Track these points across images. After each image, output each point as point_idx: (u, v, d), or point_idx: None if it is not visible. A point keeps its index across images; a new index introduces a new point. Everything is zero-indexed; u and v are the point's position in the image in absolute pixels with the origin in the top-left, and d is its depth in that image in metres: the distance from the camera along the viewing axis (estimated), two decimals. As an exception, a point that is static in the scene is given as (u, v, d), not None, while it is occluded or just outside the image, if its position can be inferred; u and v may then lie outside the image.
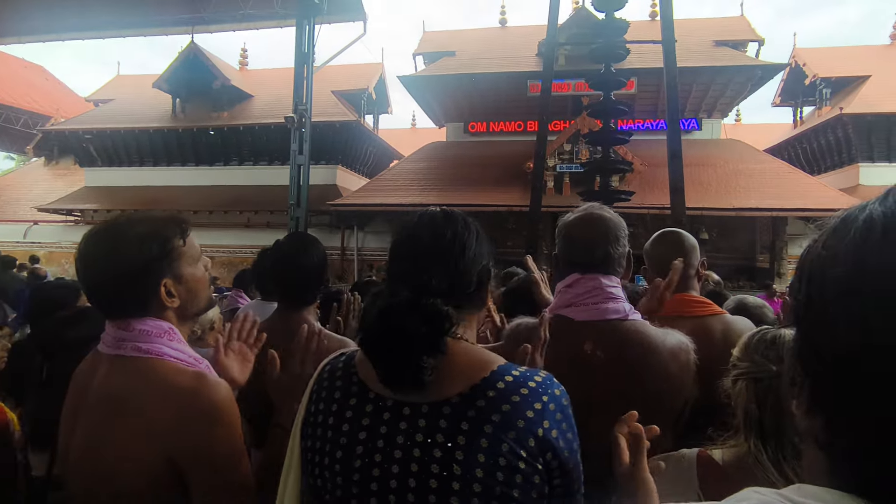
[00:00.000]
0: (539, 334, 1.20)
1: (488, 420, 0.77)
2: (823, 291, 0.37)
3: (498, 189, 12.47)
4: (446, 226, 0.92)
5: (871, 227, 0.35)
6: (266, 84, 16.56)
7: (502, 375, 0.81)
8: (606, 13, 8.46)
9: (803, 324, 0.39)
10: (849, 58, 15.61)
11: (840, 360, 0.35)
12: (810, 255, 0.39)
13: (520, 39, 15.24)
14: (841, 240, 0.36)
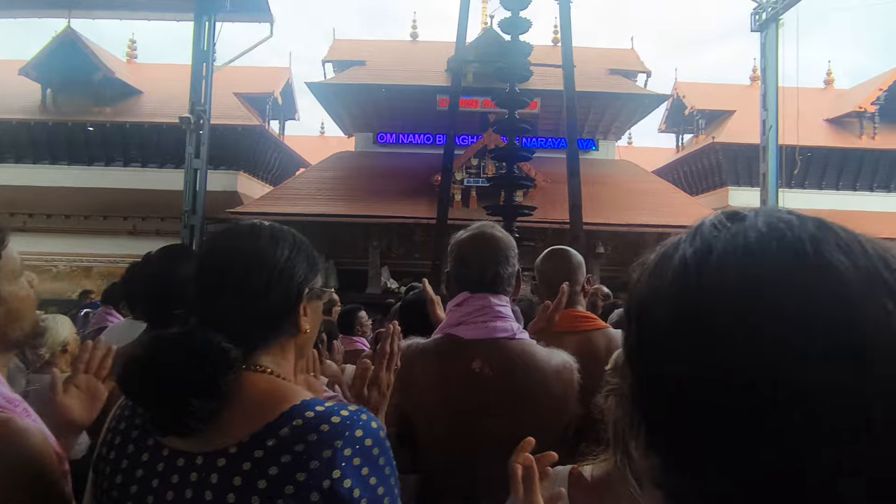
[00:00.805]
0: (384, 349, 1.17)
1: (264, 474, 0.68)
2: (651, 332, 0.37)
3: (406, 201, 12.49)
4: (245, 241, 0.83)
5: (686, 269, 0.35)
6: (158, 80, 15.36)
7: (297, 415, 0.71)
8: (512, 35, 8.82)
9: (635, 365, 0.39)
10: (719, 93, 17.54)
11: (668, 401, 0.35)
12: (636, 296, 0.39)
13: (430, 54, 15.47)
14: (660, 281, 0.37)
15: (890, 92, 15.56)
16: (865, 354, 0.29)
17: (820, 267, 0.31)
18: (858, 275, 0.31)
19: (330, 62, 15.47)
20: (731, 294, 0.32)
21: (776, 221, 0.35)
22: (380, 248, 13.05)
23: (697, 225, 0.38)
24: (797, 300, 0.31)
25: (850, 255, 0.32)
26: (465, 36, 8.80)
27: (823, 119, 16.12)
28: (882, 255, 0.33)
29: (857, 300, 0.30)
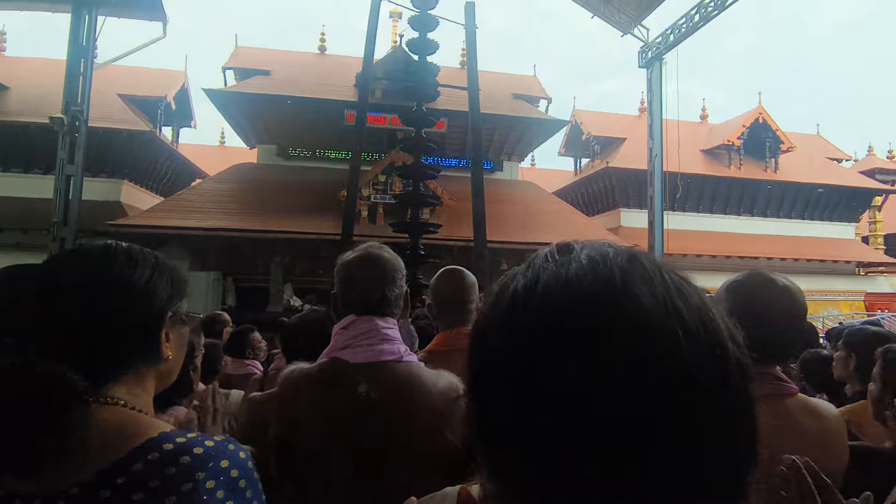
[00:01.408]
0: (206, 405, 1.11)
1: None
2: (484, 360, 0.38)
3: (310, 216, 12.14)
4: (96, 262, 0.77)
5: (515, 301, 0.37)
6: (27, 75, 13.81)
7: (153, 448, 0.67)
8: (420, 56, 8.95)
9: (471, 390, 0.40)
10: (613, 122, 19.01)
11: (494, 425, 0.37)
12: (476, 325, 0.41)
13: (338, 68, 15.30)
14: (495, 311, 0.39)
15: (751, 128, 17.73)
16: (652, 375, 0.33)
17: (625, 297, 0.35)
18: (656, 303, 0.34)
19: (231, 69, 14.81)
20: (549, 324, 0.35)
21: (595, 255, 0.38)
22: (283, 264, 12.54)
23: (533, 256, 0.41)
24: (598, 328, 0.34)
25: (651, 285, 0.35)
26: (374, 52, 8.79)
27: (700, 150, 17.98)
28: (678, 286, 0.37)
29: (652, 328, 0.34)
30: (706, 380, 0.34)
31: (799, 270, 16.53)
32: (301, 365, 1.44)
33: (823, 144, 21.55)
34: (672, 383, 0.33)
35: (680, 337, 0.34)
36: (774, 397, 1.23)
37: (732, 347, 0.37)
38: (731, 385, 0.35)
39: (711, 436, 0.33)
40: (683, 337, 0.34)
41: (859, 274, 18.32)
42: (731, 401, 0.35)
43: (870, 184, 19.12)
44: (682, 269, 0.40)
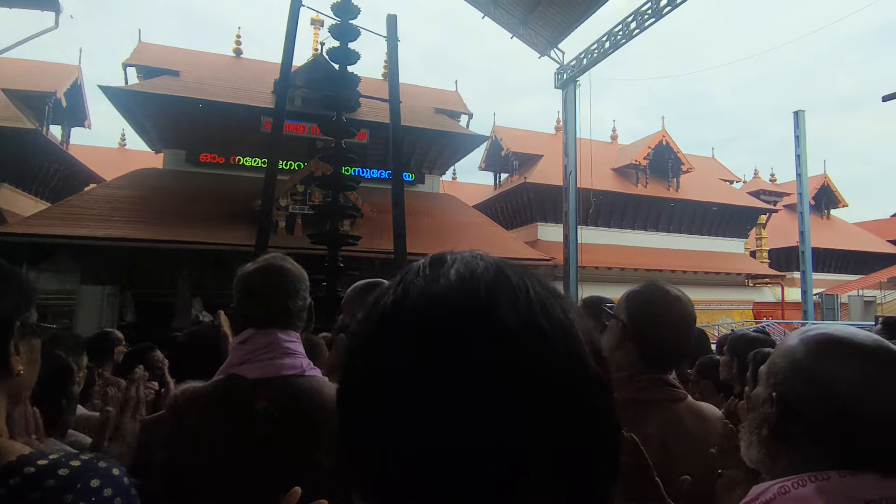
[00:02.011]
0: (129, 395, 1.03)
1: None
2: (352, 381, 0.37)
3: (222, 226, 11.53)
4: None
5: (383, 318, 0.37)
6: None
7: (13, 473, 0.62)
8: (341, 66, 8.83)
9: (341, 412, 0.39)
10: (530, 139, 19.78)
11: (365, 449, 0.36)
12: (348, 344, 0.40)
13: (255, 73, 14.78)
14: (366, 328, 0.38)
15: (656, 150, 19.13)
16: (513, 390, 0.33)
17: (488, 315, 0.34)
18: (518, 319, 0.35)
19: (134, 66, 13.87)
20: (415, 342, 0.34)
21: (464, 270, 0.38)
22: (191, 277, 11.79)
23: (406, 270, 0.40)
24: (461, 346, 0.33)
25: (515, 302, 0.35)
26: (292, 59, 8.56)
27: (611, 168, 19.12)
28: (542, 301, 0.36)
29: (513, 344, 0.34)
30: (564, 395, 0.34)
31: (697, 282, 17.99)
32: (193, 384, 1.34)
33: (717, 167, 23.74)
34: (533, 399, 0.33)
35: (539, 352, 0.34)
36: (667, 402, 1.29)
37: (593, 364, 0.37)
38: (589, 401, 0.36)
39: (569, 451, 0.34)
40: (543, 352, 0.34)
41: (748, 285, 20.23)
42: (589, 415, 0.36)
43: (756, 203, 21.27)
44: (551, 282, 0.40)
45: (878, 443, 0.68)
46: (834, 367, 0.73)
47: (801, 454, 0.73)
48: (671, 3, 10.64)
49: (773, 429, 0.77)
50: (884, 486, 0.66)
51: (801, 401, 0.74)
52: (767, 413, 0.78)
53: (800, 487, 0.69)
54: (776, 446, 0.77)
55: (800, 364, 0.77)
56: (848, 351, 0.74)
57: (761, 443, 0.79)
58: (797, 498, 0.68)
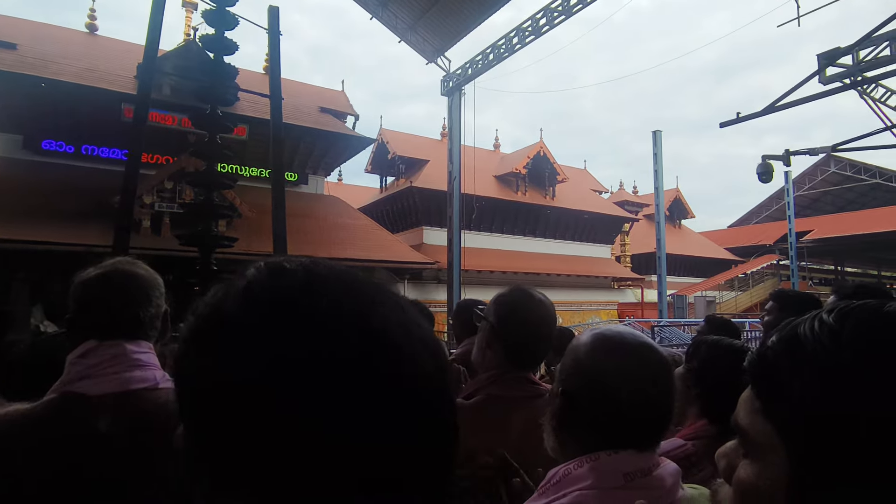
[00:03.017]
0: None
1: None
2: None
3: (73, 224, 10.22)
4: None
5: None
6: None
7: None
8: (216, 55, 8.26)
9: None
10: (417, 143, 20.02)
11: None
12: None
13: (114, 54, 13.32)
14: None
15: (534, 160, 20.32)
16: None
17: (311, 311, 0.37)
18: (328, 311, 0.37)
19: (-42, 35, 11.82)
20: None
21: (273, 268, 0.40)
22: (30, 281, 10.28)
23: (250, 272, 0.41)
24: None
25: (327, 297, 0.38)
26: (158, 41, 7.80)
27: (493, 175, 19.95)
28: (355, 309, 0.38)
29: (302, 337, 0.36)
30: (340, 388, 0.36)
31: (570, 285, 19.43)
32: (16, 406, 1.17)
33: (589, 178, 25.83)
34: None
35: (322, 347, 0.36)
36: (530, 398, 1.38)
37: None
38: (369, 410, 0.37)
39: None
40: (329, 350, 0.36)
41: (614, 287, 22.23)
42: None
43: (621, 213, 23.45)
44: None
45: (632, 424, 0.80)
46: (601, 361, 0.85)
47: (580, 440, 0.83)
48: (549, 23, 11.38)
49: (558, 419, 0.88)
50: (639, 459, 0.79)
51: (578, 392, 0.86)
52: (556, 406, 0.88)
53: (578, 468, 0.79)
54: (564, 435, 0.87)
55: (578, 360, 0.88)
56: (612, 347, 0.86)
57: (553, 432, 0.89)
58: (576, 477, 0.79)
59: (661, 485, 0.78)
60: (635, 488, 0.76)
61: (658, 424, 0.83)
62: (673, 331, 13.00)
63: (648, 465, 0.79)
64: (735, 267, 27.26)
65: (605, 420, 0.82)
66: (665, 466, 0.82)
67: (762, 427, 0.45)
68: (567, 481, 0.79)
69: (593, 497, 0.76)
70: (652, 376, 0.83)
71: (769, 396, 0.45)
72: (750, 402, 0.47)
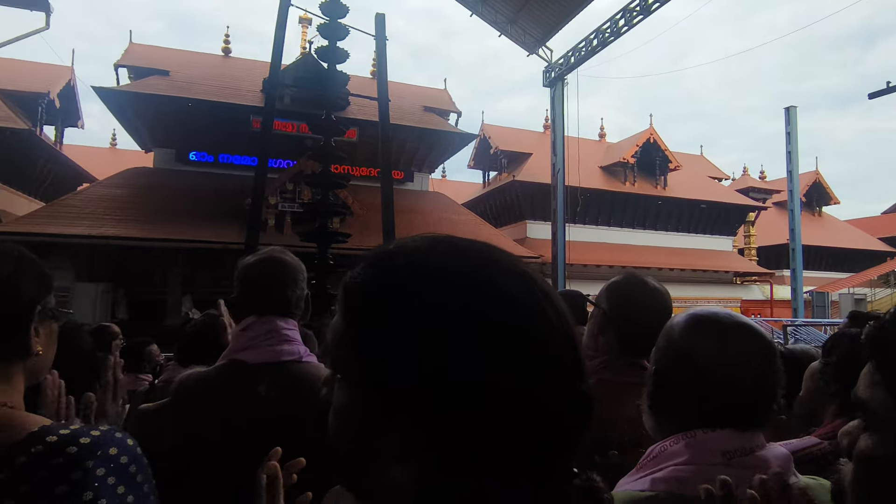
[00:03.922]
0: (107, 379, 1.12)
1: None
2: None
3: (214, 224, 11.54)
4: None
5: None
6: None
7: (36, 442, 0.67)
8: (329, 64, 8.87)
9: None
10: (519, 137, 19.88)
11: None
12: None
13: (244, 72, 14.76)
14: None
15: (644, 148, 19.30)
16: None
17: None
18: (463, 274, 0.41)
19: (125, 67, 13.81)
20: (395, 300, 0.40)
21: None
22: (182, 275, 11.78)
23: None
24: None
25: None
26: (281, 57, 8.60)
27: (598, 166, 19.28)
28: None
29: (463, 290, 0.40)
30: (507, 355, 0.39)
31: (684, 280, 18.22)
32: (197, 369, 1.43)
33: (705, 164, 23.97)
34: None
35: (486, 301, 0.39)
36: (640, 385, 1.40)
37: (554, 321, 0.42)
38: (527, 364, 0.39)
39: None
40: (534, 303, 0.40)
41: (736, 283, 20.47)
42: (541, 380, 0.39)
43: (745, 201, 21.49)
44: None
45: (728, 403, 0.80)
46: (694, 339, 0.85)
47: (675, 419, 0.85)
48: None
49: (652, 399, 0.89)
50: (740, 438, 0.79)
51: (670, 371, 0.87)
52: (650, 385, 0.91)
53: (674, 445, 0.81)
54: (659, 414, 0.89)
55: (671, 340, 0.89)
56: (706, 326, 0.85)
57: (650, 411, 0.91)
58: (671, 453, 0.80)
59: (764, 465, 0.78)
60: (735, 466, 0.76)
61: (758, 404, 0.82)
62: (810, 331, 11.63)
63: (751, 445, 0.79)
64: (891, 260, 23.71)
65: (698, 399, 0.82)
66: (772, 449, 0.81)
67: (882, 399, 0.46)
68: (663, 457, 0.81)
69: (689, 472, 0.77)
70: (748, 356, 0.82)
71: (889, 368, 0.46)
72: (870, 375, 0.48)
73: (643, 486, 0.80)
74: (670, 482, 0.78)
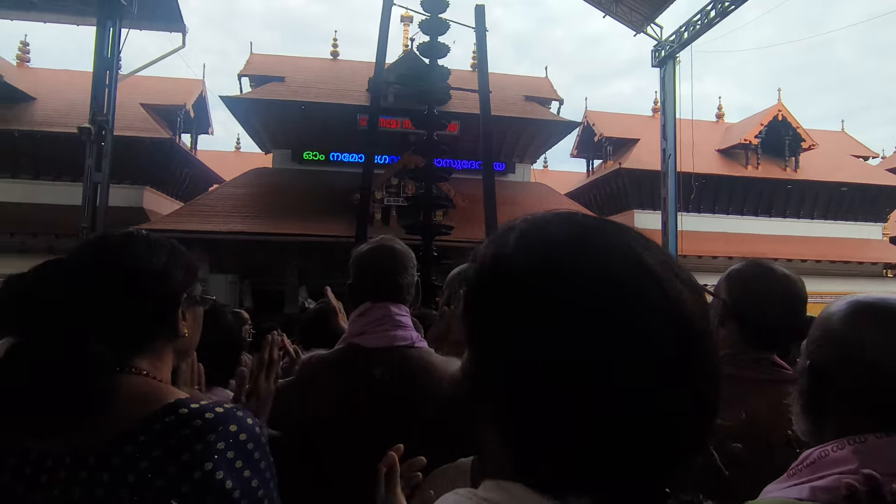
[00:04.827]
0: (264, 357, 1.20)
1: (133, 468, 0.70)
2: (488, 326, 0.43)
3: (325, 219, 12.30)
4: (118, 249, 0.85)
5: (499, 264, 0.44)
6: (53, 86, 14.25)
7: (170, 412, 0.74)
8: (431, 59, 9.07)
9: (480, 352, 0.44)
10: (625, 123, 18.90)
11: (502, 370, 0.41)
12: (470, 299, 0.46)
13: (351, 73, 15.49)
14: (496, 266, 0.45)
15: (769, 127, 17.47)
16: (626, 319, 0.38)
17: (590, 249, 0.41)
18: (621, 256, 0.40)
19: (247, 76, 15.08)
20: (530, 283, 0.41)
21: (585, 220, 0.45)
22: (298, 267, 12.72)
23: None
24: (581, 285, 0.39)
25: (607, 237, 0.42)
26: (385, 57, 8.93)
27: (715, 149, 17.80)
28: (639, 241, 0.42)
29: (619, 277, 0.39)
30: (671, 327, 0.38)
31: (821, 272, 16.20)
32: (319, 352, 1.53)
33: (847, 141, 21.10)
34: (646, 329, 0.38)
35: (645, 281, 0.39)
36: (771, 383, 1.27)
37: (686, 290, 0.40)
38: (695, 336, 0.39)
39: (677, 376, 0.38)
40: (649, 283, 0.39)
41: (886, 275, 17.89)
42: (696, 351, 0.39)
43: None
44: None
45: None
46: (862, 332, 0.74)
47: (839, 421, 0.75)
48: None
49: (808, 397, 0.79)
50: None
51: (831, 367, 0.76)
52: (804, 383, 0.79)
53: (838, 450, 0.71)
54: (817, 416, 0.78)
55: (831, 332, 0.78)
56: (877, 316, 0.74)
57: (803, 413, 0.81)
58: (835, 460, 0.71)
59: None
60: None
61: None
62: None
63: None
64: None
65: (867, 398, 0.72)
66: None
67: None
68: (824, 464, 0.72)
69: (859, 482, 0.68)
70: None
71: None
72: None
73: (800, 495, 0.71)
74: (834, 492, 0.68)
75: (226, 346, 1.69)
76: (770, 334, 1.31)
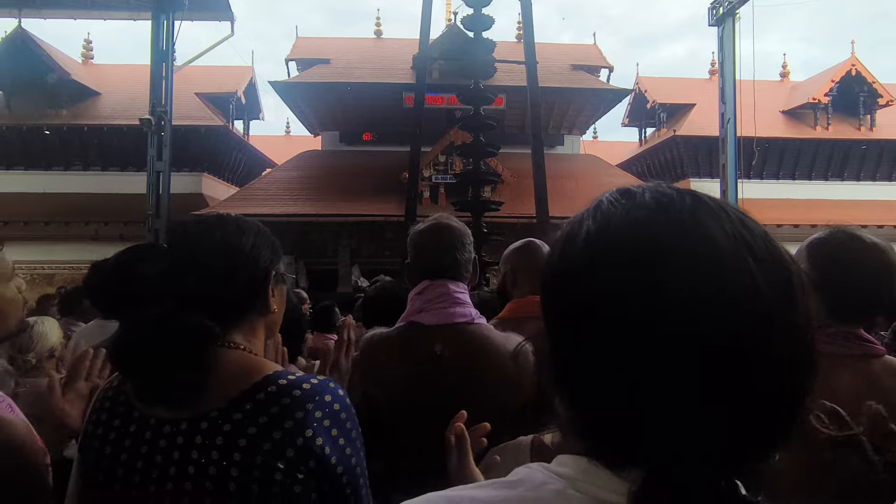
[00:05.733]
0: (343, 337, 1.24)
1: (243, 433, 0.76)
2: (563, 302, 0.42)
3: (374, 199, 12.46)
4: (213, 229, 0.90)
5: (588, 241, 0.42)
6: (116, 81, 14.95)
7: (271, 383, 0.79)
8: (475, 32, 8.87)
9: (553, 332, 0.44)
10: (679, 87, 17.98)
11: (583, 366, 0.40)
12: (550, 272, 0.46)
13: (395, 52, 15.43)
14: (569, 253, 0.44)
15: (841, 84, 16.20)
16: (728, 296, 0.36)
17: (698, 234, 0.39)
18: (725, 235, 0.39)
19: (294, 60, 15.30)
20: (627, 258, 0.39)
21: (660, 197, 0.42)
22: (349, 246, 12.99)
23: (597, 203, 0.45)
24: (673, 258, 0.38)
25: (719, 220, 0.39)
26: (429, 33, 8.83)
27: (779, 111, 16.71)
28: (740, 218, 0.41)
29: (725, 256, 0.38)
30: (774, 299, 0.37)
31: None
32: (381, 329, 1.56)
33: (928, 95, 19.35)
34: (746, 303, 0.36)
35: (749, 261, 0.37)
36: (860, 358, 1.19)
37: (796, 269, 0.40)
38: (798, 306, 0.39)
39: (776, 360, 0.37)
40: (752, 261, 0.37)
41: (976, 242, 16.47)
42: (798, 319, 0.38)
43: None
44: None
45: None
46: None
47: None
48: None
49: None
50: None
51: None
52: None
53: None
54: None
55: None
56: None
57: None
58: None
59: None
60: None
61: None
62: None
63: None
64: None
65: None
66: None
67: None
68: None
69: None
70: None
71: None
72: None
73: None
74: None
75: (292, 325, 1.75)
76: (858, 308, 1.23)
